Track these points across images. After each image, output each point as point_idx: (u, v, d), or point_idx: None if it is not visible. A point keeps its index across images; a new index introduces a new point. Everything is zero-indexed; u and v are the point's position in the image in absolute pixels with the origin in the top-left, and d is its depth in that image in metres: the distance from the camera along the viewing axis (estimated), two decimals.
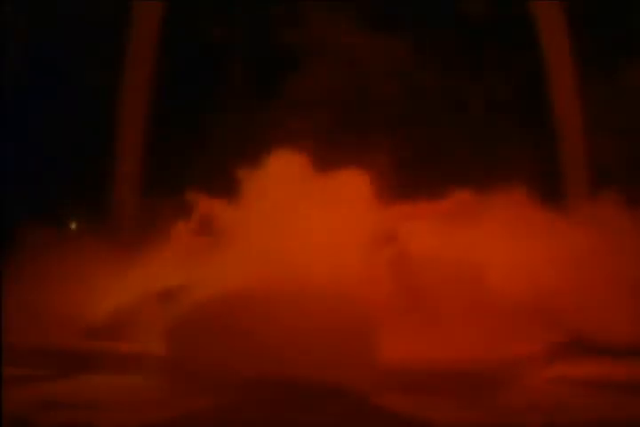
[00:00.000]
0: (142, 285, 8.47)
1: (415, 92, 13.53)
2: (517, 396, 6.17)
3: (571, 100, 12.40)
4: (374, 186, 8.49)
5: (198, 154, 12.84)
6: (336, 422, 5.22)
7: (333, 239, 7.93)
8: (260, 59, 14.12)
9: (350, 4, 13.34)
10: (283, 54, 13.57)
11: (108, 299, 8.38)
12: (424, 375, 6.28)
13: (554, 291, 8.00)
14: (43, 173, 15.09)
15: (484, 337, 7.27)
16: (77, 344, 7.71)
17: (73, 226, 15.35)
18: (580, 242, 8.43)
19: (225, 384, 5.72)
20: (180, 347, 6.39)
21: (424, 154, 8.78)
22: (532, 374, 6.93)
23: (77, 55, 15.31)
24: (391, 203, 8.79)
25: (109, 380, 6.81)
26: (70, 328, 7.97)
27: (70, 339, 7.83)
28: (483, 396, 6.00)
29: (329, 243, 7.86)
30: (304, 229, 7.95)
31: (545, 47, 12.45)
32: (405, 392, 5.95)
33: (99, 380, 6.88)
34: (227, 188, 8.82)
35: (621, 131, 13.60)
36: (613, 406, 5.79)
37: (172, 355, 6.42)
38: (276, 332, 5.97)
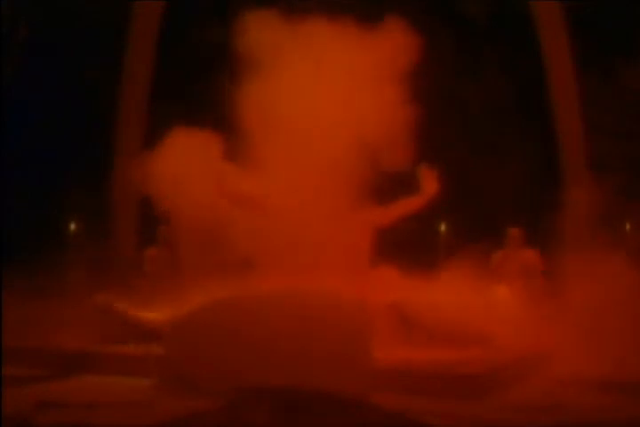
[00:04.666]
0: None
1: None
2: (517, 396, 6.17)
3: (570, 100, 12.40)
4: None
5: None
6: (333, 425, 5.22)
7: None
8: None
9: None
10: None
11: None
12: (421, 377, 6.28)
13: None
14: (42, 173, 15.11)
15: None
16: (77, 345, 7.71)
17: (72, 227, 15.38)
18: None
19: (223, 387, 5.71)
20: (179, 349, 6.38)
21: (423, 154, 8.76)
22: (532, 374, 6.94)
23: (77, 54, 15.33)
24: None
25: (109, 380, 6.81)
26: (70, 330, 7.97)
27: (70, 340, 7.82)
28: (482, 396, 6.00)
29: None
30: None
31: (545, 47, 12.43)
32: (402, 394, 5.93)
33: (99, 380, 6.88)
34: None
35: (621, 132, 13.62)
36: (614, 407, 5.79)
37: (171, 357, 6.41)
38: (273, 335, 5.96)
